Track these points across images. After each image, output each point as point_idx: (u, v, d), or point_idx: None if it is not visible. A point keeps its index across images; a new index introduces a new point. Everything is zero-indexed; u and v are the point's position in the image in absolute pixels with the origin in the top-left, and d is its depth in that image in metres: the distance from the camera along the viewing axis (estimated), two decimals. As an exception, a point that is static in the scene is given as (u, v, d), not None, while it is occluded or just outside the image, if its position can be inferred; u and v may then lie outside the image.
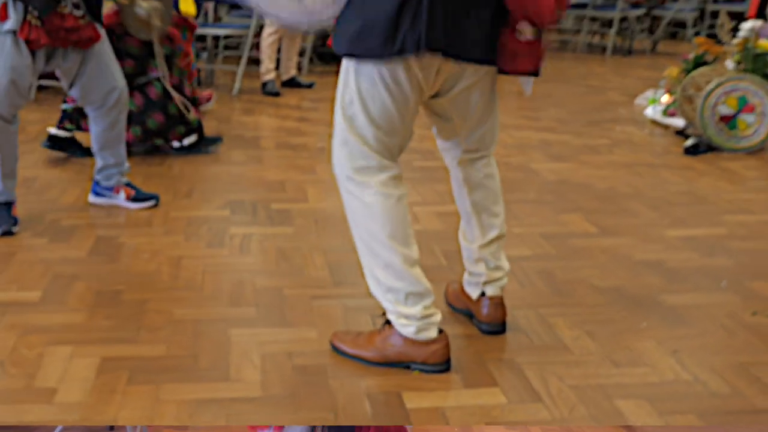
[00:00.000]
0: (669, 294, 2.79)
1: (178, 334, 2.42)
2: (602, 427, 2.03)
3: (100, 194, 3.62)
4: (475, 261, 2.45)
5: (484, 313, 2.45)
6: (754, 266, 3.06)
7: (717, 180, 4.19)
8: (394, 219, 2.19)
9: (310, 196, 3.77)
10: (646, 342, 2.44)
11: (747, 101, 4.62)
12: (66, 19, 3.16)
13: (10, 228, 3.21)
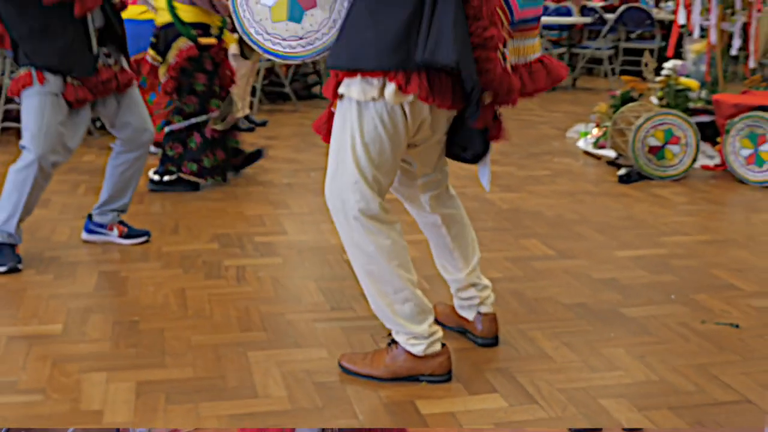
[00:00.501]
0: (627, 307, 3.09)
1: (200, 358, 2.59)
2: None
3: (93, 231, 3.74)
4: (464, 288, 2.69)
5: (480, 329, 2.70)
6: (695, 281, 3.39)
7: (651, 205, 4.55)
8: (398, 250, 2.39)
9: (288, 229, 3.97)
10: (615, 349, 2.72)
11: (673, 134, 5.03)
12: (101, 73, 3.37)
13: (16, 265, 3.32)
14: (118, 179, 3.66)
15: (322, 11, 2.34)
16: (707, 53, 5.69)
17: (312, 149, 5.87)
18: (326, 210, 3.98)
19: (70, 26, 3.24)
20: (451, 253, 2.66)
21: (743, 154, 5.00)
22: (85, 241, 3.74)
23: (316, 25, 2.35)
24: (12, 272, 3.31)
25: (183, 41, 4.39)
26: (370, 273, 2.42)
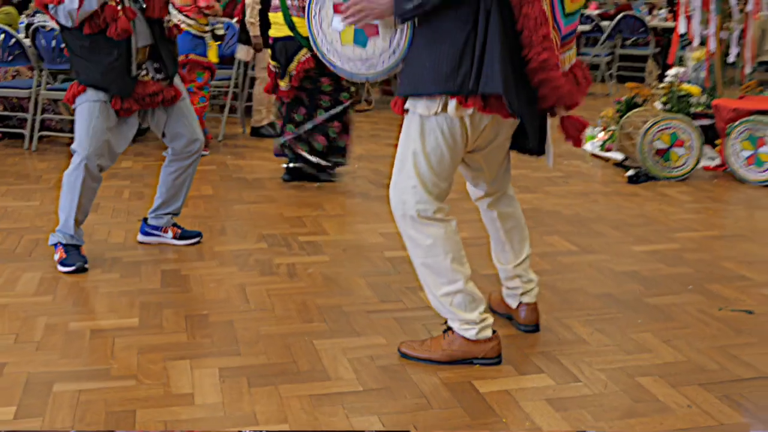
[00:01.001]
0: (650, 297, 3.30)
1: (271, 346, 2.80)
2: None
3: (149, 233, 3.93)
4: (511, 278, 2.92)
5: (523, 317, 2.92)
6: (708, 272, 3.61)
7: (660, 204, 4.78)
8: (453, 245, 2.62)
9: (329, 230, 4.17)
10: (643, 334, 2.94)
11: (678, 137, 5.26)
12: (148, 86, 3.56)
13: (83, 265, 3.52)
14: (171, 185, 3.85)
15: (383, 41, 2.59)
16: (706, 60, 5.92)
17: (334, 155, 6.09)
18: (359, 211, 4.30)
19: (114, 48, 3.43)
20: (503, 246, 2.89)
21: (743, 155, 5.23)
22: (141, 243, 3.93)
23: (378, 52, 2.60)
24: (79, 272, 3.50)
25: (303, 53, 4.73)
26: (426, 266, 2.63)
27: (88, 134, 3.49)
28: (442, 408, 2.41)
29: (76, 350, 2.77)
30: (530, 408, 2.42)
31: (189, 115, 3.79)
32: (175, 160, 3.81)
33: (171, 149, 3.81)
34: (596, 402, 2.46)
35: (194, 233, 3.95)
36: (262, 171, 5.50)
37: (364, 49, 2.62)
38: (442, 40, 2.45)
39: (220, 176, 5.32)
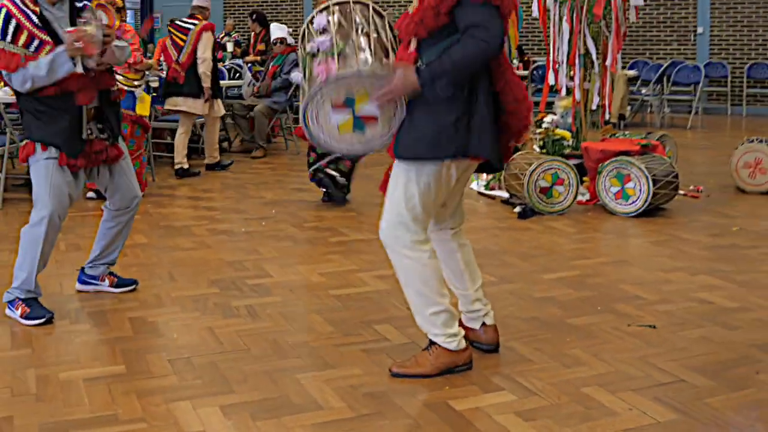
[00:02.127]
0: (570, 318, 3.67)
1: (260, 383, 2.94)
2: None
3: (86, 282, 3.95)
4: (471, 302, 3.23)
5: (485, 337, 3.23)
6: (609, 295, 4.02)
7: (551, 236, 5.22)
8: (437, 272, 2.98)
9: (271, 272, 4.31)
10: (575, 350, 3.28)
11: (558, 176, 5.76)
12: (94, 144, 3.60)
13: (51, 317, 3.51)
14: (110, 238, 3.89)
15: (381, 126, 2.91)
16: (573, 108, 6.50)
17: (247, 200, 6.21)
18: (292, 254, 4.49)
19: (66, 113, 3.49)
20: (461, 274, 3.20)
21: (612, 191, 5.78)
22: (79, 291, 3.94)
23: (377, 135, 2.93)
24: (48, 323, 3.49)
25: None
26: (418, 290, 2.96)
27: (49, 192, 3.51)
28: (432, 426, 2.64)
29: (76, 399, 2.80)
30: (503, 420, 2.68)
31: (129, 172, 3.84)
32: (116, 216, 3.85)
33: (111, 204, 3.84)
34: (556, 411, 2.76)
35: (130, 281, 4.01)
36: (185, 218, 5.55)
37: (363, 134, 2.92)
38: (438, 111, 2.80)
39: (148, 225, 5.33)
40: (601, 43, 6.47)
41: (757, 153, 6.67)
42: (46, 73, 3.38)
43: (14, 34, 3.41)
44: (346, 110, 2.88)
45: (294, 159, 8.51)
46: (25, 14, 3.44)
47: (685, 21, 13.70)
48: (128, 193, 3.81)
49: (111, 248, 3.92)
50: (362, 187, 6.71)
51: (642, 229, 5.43)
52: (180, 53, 7.18)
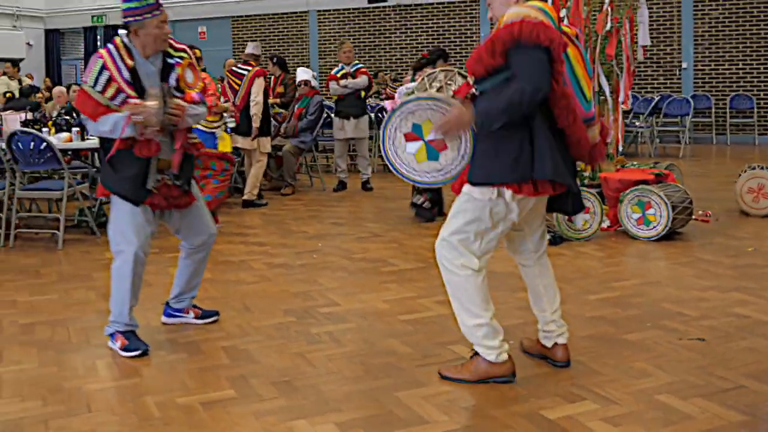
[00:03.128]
0: (624, 335, 3.85)
1: (363, 401, 3.09)
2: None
3: (172, 315, 4.10)
4: (547, 323, 3.41)
5: (559, 355, 3.40)
6: (654, 312, 4.21)
7: (584, 260, 5.42)
8: (484, 291, 3.18)
9: (338, 301, 4.46)
10: (637, 363, 3.45)
11: (584, 205, 5.97)
12: (171, 189, 3.78)
13: (147, 349, 3.65)
14: (189, 274, 4.05)
15: (452, 151, 3.13)
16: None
17: (291, 235, 6.38)
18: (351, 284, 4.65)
19: (137, 164, 3.64)
20: (541, 297, 3.40)
21: (634, 217, 6.01)
22: (165, 323, 4.10)
23: (450, 161, 3.15)
24: (144, 355, 3.63)
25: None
26: (462, 305, 3.18)
27: (132, 230, 3.66)
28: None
29: (198, 421, 2.94)
30: (595, 427, 2.85)
31: (203, 214, 3.99)
32: (192, 254, 4.01)
33: (187, 243, 3.99)
34: (638, 417, 2.93)
35: (212, 312, 4.17)
36: (240, 253, 5.71)
37: (437, 162, 3.14)
38: (501, 140, 2.99)
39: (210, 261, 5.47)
40: (613, 81, 6.75)
41: (760, 179, 6.93)
42: (109, 131, 3.57)
43: (104, 85, 3.58)
44: (417, 139, 3.12)
45: (321, 195, 8.74)
46: (118, 68, 3.60)
47: (670, 57, 14.11)
48: (203, 232, 3.97)
49: (192, 283, 4.07)
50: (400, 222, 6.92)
51: (664, 252, 5.64)
52: (235, 96, 7.65)
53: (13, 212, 6.05)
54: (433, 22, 15.65)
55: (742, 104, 13.81)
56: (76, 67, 20.35)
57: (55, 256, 5.72)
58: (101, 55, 3.63)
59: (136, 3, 3.56)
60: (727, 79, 13.92)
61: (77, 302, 4.47)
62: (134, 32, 3.63)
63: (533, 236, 3.37)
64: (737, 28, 13.73)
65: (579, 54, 3.18)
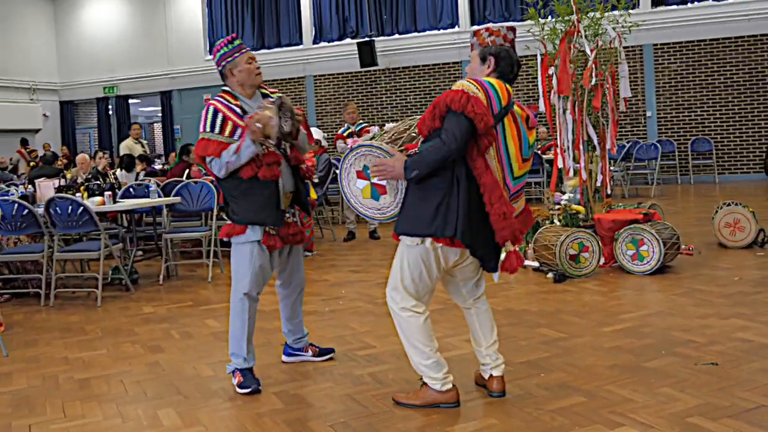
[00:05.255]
0: (643, 362, 3.84)
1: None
2: None
3: (292, 354, 4.11)
4: (483, 357, 3.51)
5: (494, 386, 3.47)
6: (666, 341, 4.21)
7: (590, 295, 5.43)
8: (427, 329, 3.31)
9: (373, 343, 4.42)
10: (663, 389, 3.44)
11: (584, 245, 6.02)
12: (290, 227, 3.78)
13: (258, 387, 3.64)
14: (292, 313, 4.05)
15: (390, 197, 3.35)
16: (580, 186, 6.81)
17: (314, 284, 6.33)
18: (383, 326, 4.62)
19: (266, 189, 3.63)
20: (477, 333, 3.51)
21: (629, 254, 6.05)
22: (285, 362, 4.09)
23: (387, 204, 3.36)
24: (254, 393, 3.60)
25: None
26: (410, 343, 3.30)
27: (250, 272, 3.66)
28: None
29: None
30: (640, 450, 2.84)
31: (301, 253, 4.02)
32: (289, 295, 4.01)
33: (283, 283, 3.99)
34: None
35: (329, 350, 4.16)
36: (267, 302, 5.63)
37: (377, 201, 3.36)
38: (425, 198, 3.17)
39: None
40: (599, 130, 6.85)
41: (735, 214, 7.03)
42: (233, 154, 3.53)
43: (221, 125, 3.59)
44: (365, 179, 3.33)
45: (333, 245, 8.73)
46: (229, 107, 3.63)
47: (636, 107, 14.37)
48: (298, 277, 4.00)
49: (298, 324, 4.07)
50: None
51: (660, 284, 5.67)
52: None
53: (53, 273, 5.98)
54: (419, 82, 15.89)
55: (702, 147, 14.07)
56: (90, 135, 20.39)
57: (95, 314, 5.63)
58: (210, 103, 3.66)
59: (225, 48, 3.69)
60: (687, 124, 14.19)
61: (126, 356, 4.40)
62: (230, 73, 3.71)
63: (467, 284, 3.46)
64: (694, 78, 14.06)
65: (517, 133, 3.28)
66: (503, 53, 3.29)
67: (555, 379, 3.65)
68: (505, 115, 3.21)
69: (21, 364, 4.34)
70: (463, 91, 3.09)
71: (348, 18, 16.20)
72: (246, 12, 17.20)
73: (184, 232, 7.09)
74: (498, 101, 3.16)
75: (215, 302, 5.81)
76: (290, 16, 16.77)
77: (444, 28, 15.52)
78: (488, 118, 3.07)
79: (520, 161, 3.27)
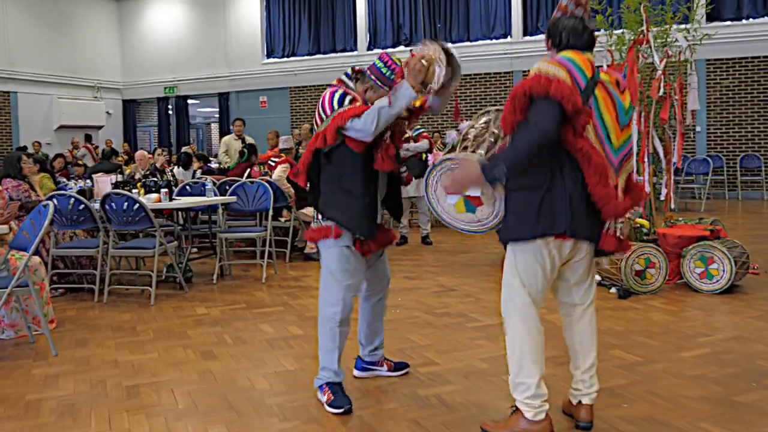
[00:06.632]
0: (734, 396, 3.31)
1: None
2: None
3: (366, 369, 3.63)
4: (576, 381, 2.99)
5: (582, 415, 2.97)
6: (752, 370, 3.65)
7: (659, 314, 4.88)
8: (535, 347, 2.79)
9: (436, 359, 3.95)
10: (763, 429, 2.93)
11: (650, 260, 5.47)
12: (382, 230, 3.35)
13: (350, 408, 3.16)
14: (373, 318, 3.56)
15: (488, 208, 2.91)
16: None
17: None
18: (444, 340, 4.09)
19: (367, 196, 3.17)
20: (576, 353, 3.01)
21: (697, 271, 5.49)
22: (357, 377, 3.63)
23: (486, 215, 2.93)
24: (347, 414, 3.15)
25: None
26: (514, 359, 2.83)
27: (343, 277, 3.19)
28: None
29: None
30: None
31: (386, 257, 3.57)
32: (372, 295, 3.54)
33: (366, 286, 3.50)
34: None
35: (404, 364, 3.71)
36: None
37: (474, 214, 2.94)
38: (525, 199, 2.72)
39: (296, 316, 5.01)
40: (665, 143, 6.30)
41: (805, 233, 6.40)
42: (389, 103, 3.01)
43: (350, 102, 3.11)
44: (456, 193, 2.90)
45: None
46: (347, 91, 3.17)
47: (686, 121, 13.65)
48: (384, 276, 3.54)
49: (377, 331, 3.60)
50: (467, 275, 6.45)
51: (731, 305, 5.10)
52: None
53: (108, 270, 5.66)
54: (471, 91, 15.37)
55: (751, 163, 13.31)
56: (150, 134, 20.33)
57: (148, 313, 5.27)
58: (335, 89, 3.18)
59: (386, 71, 3.12)
60: (737, 141, 13.43)
61: (178, 361, 4.01)
62: (365, 89, 3.19)
63: (579, 287, 2.96)
64: (746, 95, 13.30)
65: (610, 101, 2.79)
66: (562, 24, 2.82)
67: (640, 412, 3.15)
68: (594, 87, 2.73)
69: (70, 366, 3.98)
70: (541, 75, 2.63)
71: (402, 25, 15.77)
72: (303, 17, 16.91)
73: (240, 232, 6.73)
74: (582, 75, 2.70)
75: (269, 305, 5.41)
76: (346, 21, 16.42)
77: (497, 38, 14.99)
78: (576, 97, 2.62)
79: (618, 130, 2.80)
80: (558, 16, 2.87)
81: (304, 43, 16.82)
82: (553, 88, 2.59)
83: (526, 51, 14.61)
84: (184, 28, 18.66)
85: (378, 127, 3.01)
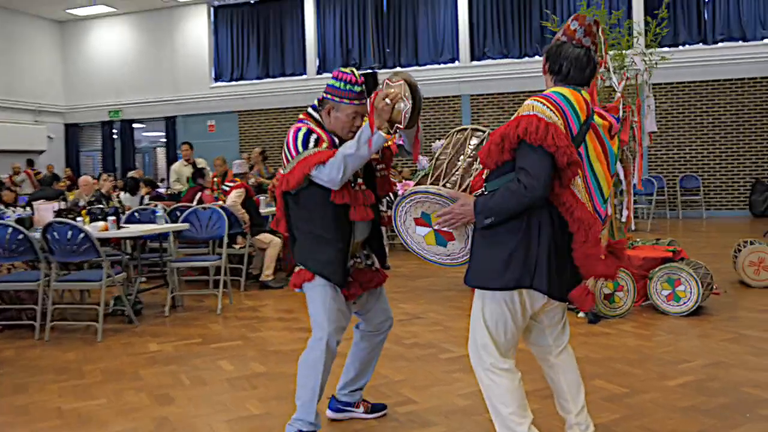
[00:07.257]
0: (728, 429, 3.08)
1: None
2: None
3: (340, 410, 3.28)
4: (570, 426, 2.70)
5: None
6: (741, 399, 3.46)
7: (634, 339, 4.66)
8: (516, 395, 2.52)
9: (413, 397, 3.61)
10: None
11: (618, 283, 5.28)
12: (365, 273, 3.08)
13: None
14: (363, 360, 3.26)
15: (459, 242, 2.68)
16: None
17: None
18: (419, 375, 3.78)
19: (340, 242, 2.90)
20: (565, 395, 2.71)
21: (664, 293, 5.33)
22: (332, 419, 3.26)
23: (458, 250, 2.70)
24: None
25: None
26: (495, 411, 2.54)
27: (326, 316, 2.89)
28: None
29: None
30: None
31: (385, 297, 3.26)
32: (369, 336, 3.24)
33: (365, 325, 3.22)
34: None
35: (381, 406, 3.37)
36: (287, 341, 4.83)
37: (445, 248, 2.70)
38: (496, 243, 2.45)
39: (257, 351, 4.58)
40: (624, 165, 6.17)
41: (760, 253, 6.36)
42: (354, 149, 2.76)
43: (315, 144, 2.85)
44: (427, 226, 2.70)
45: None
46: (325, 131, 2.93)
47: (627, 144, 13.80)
48: (383, 314, 3.22)
49: (365, 371, 3.28)
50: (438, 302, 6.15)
51: (702, 328, 4.94)
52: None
53: (50, 304, 5.11)
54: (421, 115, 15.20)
55: (690, 184, 13.54)
56: (94, 158, 19.42)
57: (95, 351, 4.75)
58: (299, 126, 2.91)
59: (340, 84, 2.91)
60: (677, 162, 13.65)
61: (130, 408, 3.54)
62: (327, 111, 2.95)
63: (553, 330, 2.70)
64: (684, 119, 13.55)
65: (601, 148, 2.52)
66: (566, 51, 2.51)
67: (639, 451, 2.89)
68: (587, 133, 2.45)
69: (8, 417, 3.47)
70: (538, 118, 2.33)
71: (351, 50, 15.53)
72: (252, 41, 16.49)
73: (193, 261, 6.26)
74: (576, 119, 2.41)
75: (226, 339, 4.97)
76: (295, 46, 16.08)
77: (444, 62, 14.89)
78: (571, 149, 2.33)
79: (608, 180, 2.53)
80: (562, 41, 2.55)
81: (252, 68, 16.39)
82: (550, 138, 2.31)
83: (475, 75, 14.57)
84: (130, 50, 17.97)
85: (345, 175, 2.81)
